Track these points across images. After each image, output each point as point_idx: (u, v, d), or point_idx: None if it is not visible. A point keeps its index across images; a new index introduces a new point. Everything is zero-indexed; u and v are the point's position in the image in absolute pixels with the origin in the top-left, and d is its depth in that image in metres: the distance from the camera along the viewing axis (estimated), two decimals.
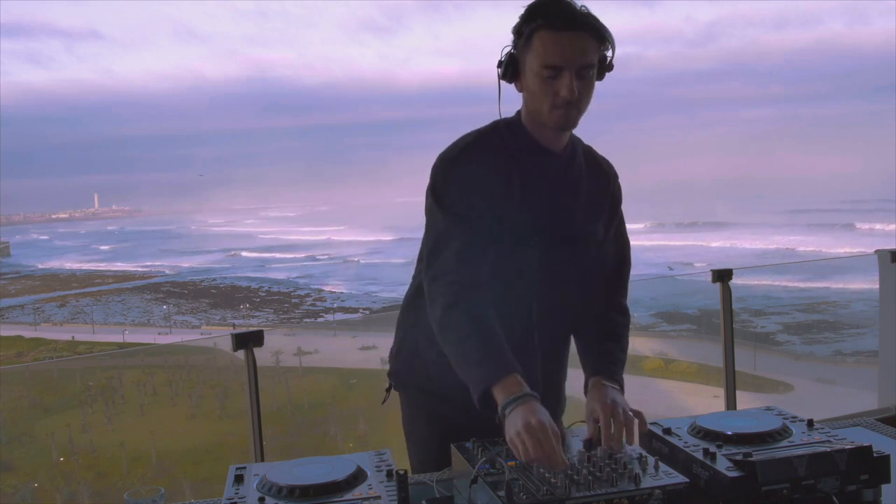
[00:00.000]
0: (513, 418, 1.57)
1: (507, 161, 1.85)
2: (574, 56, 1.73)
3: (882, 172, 77.01)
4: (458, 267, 1.77)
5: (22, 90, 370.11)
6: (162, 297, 46.28)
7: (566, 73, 1.73)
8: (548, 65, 1.73)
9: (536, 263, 1.87)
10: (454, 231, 1.80)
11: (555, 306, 1.94)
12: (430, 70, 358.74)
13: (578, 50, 1.73)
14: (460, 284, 1.76)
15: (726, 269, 3.78)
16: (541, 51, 1.74)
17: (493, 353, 1.68)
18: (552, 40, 1.73)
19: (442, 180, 1.85)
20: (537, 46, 1.74)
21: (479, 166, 1.83)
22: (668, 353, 16.04)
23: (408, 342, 2.03)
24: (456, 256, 1.78)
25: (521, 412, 1.56)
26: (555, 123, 1.81)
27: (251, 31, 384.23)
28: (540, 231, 1.86)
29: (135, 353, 21.76)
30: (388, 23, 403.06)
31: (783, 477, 1.45)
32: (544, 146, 1.87)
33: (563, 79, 1.73)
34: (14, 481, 12.22)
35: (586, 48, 1.74)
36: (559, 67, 1.73)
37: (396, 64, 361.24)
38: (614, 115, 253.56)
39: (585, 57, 1.74)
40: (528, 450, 1.50)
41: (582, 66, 1.74)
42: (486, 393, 1.65)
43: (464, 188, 1.82)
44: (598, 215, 1.98)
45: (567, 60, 1.73)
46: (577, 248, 1.93)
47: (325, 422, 14.37)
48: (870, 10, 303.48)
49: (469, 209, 1.81)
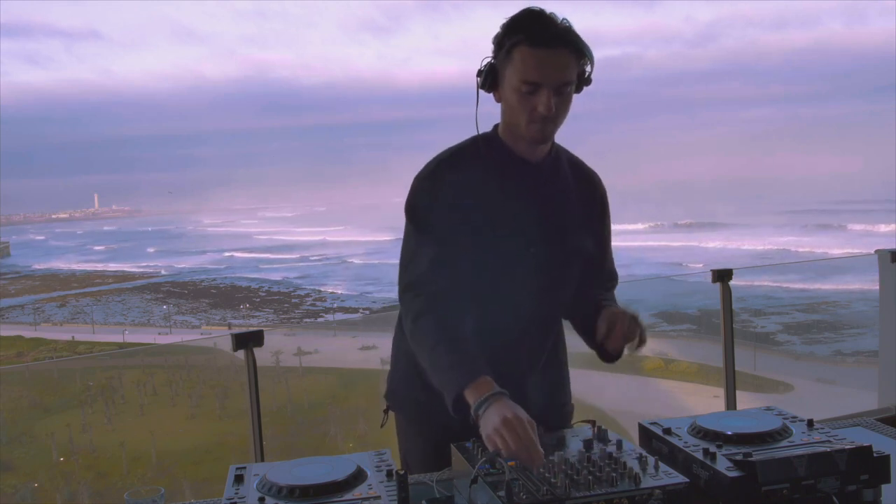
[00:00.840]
0: (488, 415, 1.58)
1: (485, 173, 1.86)
2: (553, 74, 1.74)
3: (882, 172, 77.03)
4: (429, 278, 1.79)
5: (21, 90, 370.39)
6: (162, 297, 46.28)
7: (544, 90, 1.74)
8: (526, 80, 1.74)
9: (522, 271, 1.86)
10: (424, 243, 1.82)
11: (543, 315, 1.95)
12: (429, 70, 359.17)
13: (558, 67, 1.74)
14: (429, 294, 1.78)
15: (726, 269, 3.78)
16: (520, 66, 1.74)
17: (463, 359, 1.69)
18: (532, 56, 1.73)
19: (414, 196, 1.87)
20: (517, 61, 1.75)
21: (455, 180, 1.84)
22: (668, 353, 16.02)
23: (401, 362, 2.02)
24: (426, 268, 1.80)
25: (496, 408, 1.58)
26: (531, 137, 1.82)
27: (250, 31, 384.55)
28: (524, 240, 1.86)
29: (135, 353, 21.76)
30: (388, 23, 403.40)
31: (783, 477, 1.45)
32: (523, 157, 1.88)
33: (541, 95, 1.75)
34: (14, 481, 12.22)
35: (566, 65, 1.75)
36: (537, 84, 1.74)
37: (396, 64, 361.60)
38: (614, 116, 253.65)
39: (564, 75, 1.75)
40: (508, 443, 1.51)
41: (560, 84, 1.75)
42: (459, 397, 1.66)
43: (437, 202, 1.83)
44: (586, 224, 1.98)
45: (546, 77, 1.74)
46: (565, 256, 1.93)
47: (325, 422, 14.37)
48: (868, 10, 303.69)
49: (441, 222, 1.82)
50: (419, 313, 1.78)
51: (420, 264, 1.81)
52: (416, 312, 1.79)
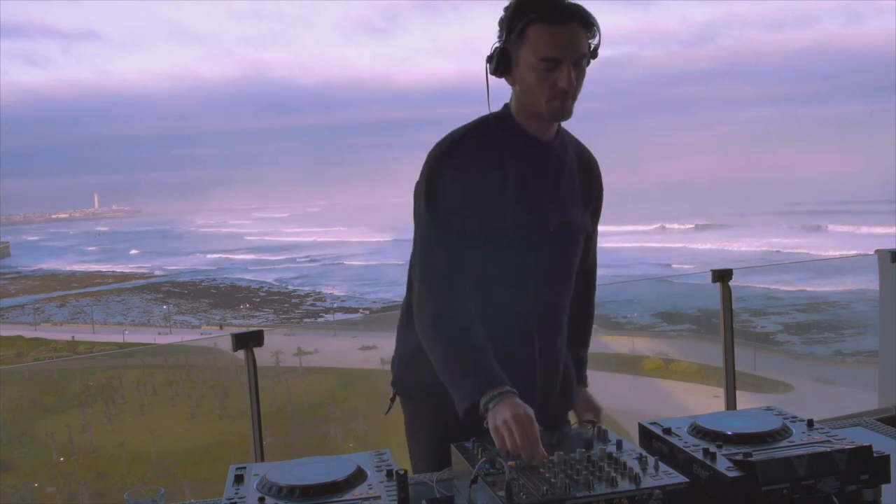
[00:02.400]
0: (499, 409, 1.62)
1: (500, 153, 1.86)
2: (570, 48, 1.75)
3: (882, 172, 77.01)
4: (445, 267, 1.80)
5: (20, 90, 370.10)
6: (162, 297, 46.28)
7: (563, 66, 1.75)
8: (545, 57, 1.75)
9: (536, 255, 1.88)
10: (438, 229, 1.82)
11: (553, 299, 1.96)
12: (428, 70, 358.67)
13: (574, 42, 1.76)
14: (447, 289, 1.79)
15: (726, 270, 3.78)
16: (537, 44, 1.75)
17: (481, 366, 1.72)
18: (548, 33, 1.75)
19: (430, 179, 1.85)
20: (532, 40, 1.76)
21: (470, 161, 1.84)
22: (668, 353, 16.03)
23: (409, 347, 2.02)
24: (443, 255, 1.81)
25: (508, 404, 1.62)
26: (552, 114, 1.83)
27: (247, 31, 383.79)
28: (540, 221, 1.87)
29: (135, 353, 21.74)
30: (384, 23, 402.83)
31: (783, 477, 1.45)
32: (537, 136, 1.89)
33: (562, 71, 1.76)
34: (14, 481, 12.21)
35: (580, 39, 1.77)
36: (557, 60, 1.75)
37: (394, 64, 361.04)
38: (613, 115, 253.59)
39: (580, 48, 1.77)
40: (515, 438, 1.55)
41: (578, 57, 1.77)
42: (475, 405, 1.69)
43: (454, 186, 1.82)
44: (587, 206, 2.00)
45: (564, 52, 1.75)
46: (572, 238, 1.95)
47: (325, 422, 14.36)
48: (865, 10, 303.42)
49: (459, 208, 1.81)
50: (437, 314, 1.79)
51: (434, 251, 1.82)
52: (435, 311, 1.79)
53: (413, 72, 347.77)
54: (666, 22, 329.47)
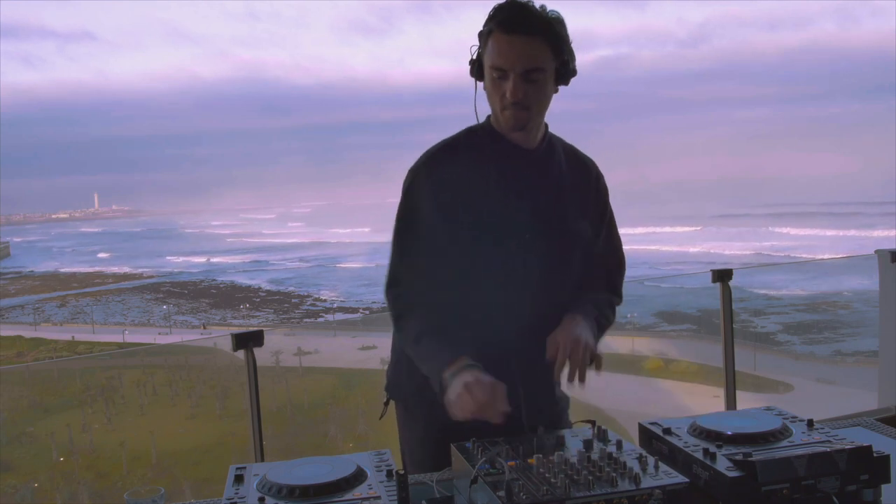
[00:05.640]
0: (452, 386, 1.66)
1: (480, 162, 1.87)
2: (518, 59, 1.75)
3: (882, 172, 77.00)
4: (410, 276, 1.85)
5: (18, 91, 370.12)
6: (162, 297, 46.27)
7: (510, 76, 1.76)
8: (494, 66, 1.77)
9: (520, 262, 1.86)
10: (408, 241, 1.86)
11: (542, 306, 1.92)
12: (423, 70, 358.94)
13: (524, 54, 1.75)
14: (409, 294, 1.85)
15: (726, 269, 3.78)
16: (491, 52, 1.77)
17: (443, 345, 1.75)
18: (500, 42, 1.76)
19: (404, 191, 1.89)
20: (490, 47, 1.78)
21: (447, 172, 1.86)
22: (668, 353, 16.03)
23: (400, 351, 2.01)
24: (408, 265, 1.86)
25: (459, 377, 1.65)
26: (505, 123, 1.84)
27: (243, 32, 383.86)
28: (521, 228, 1.86)
29: (135, 353, 21.73)
30: (379, 24, 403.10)
31: (783, 477, 1.44)
32: (517, 144, 1.88)
33: (508, 81, 1.76)
34: (14, 481, 12.20)
35: (534, 53, 1.75)
36: (504, 70, 1.76)
37: (389, 65, 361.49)
38: (611, 115, 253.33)
39: (531, 61, 1.75)
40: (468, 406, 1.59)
41: (526, 70, 1.75)
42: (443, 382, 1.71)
43: (426, 197, 1.84)
44: (583, 212, 1.97)
45: (510, 63, 1.75)
46: (562, 245, 1.92)
47: (325, 422, 14.35)
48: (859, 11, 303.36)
49: (429, 218, 1.83)
50: (400, 314, 1.86)
51: (401, 261, 1.87)
52: (398, 312, 1.86)
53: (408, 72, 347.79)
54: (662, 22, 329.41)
